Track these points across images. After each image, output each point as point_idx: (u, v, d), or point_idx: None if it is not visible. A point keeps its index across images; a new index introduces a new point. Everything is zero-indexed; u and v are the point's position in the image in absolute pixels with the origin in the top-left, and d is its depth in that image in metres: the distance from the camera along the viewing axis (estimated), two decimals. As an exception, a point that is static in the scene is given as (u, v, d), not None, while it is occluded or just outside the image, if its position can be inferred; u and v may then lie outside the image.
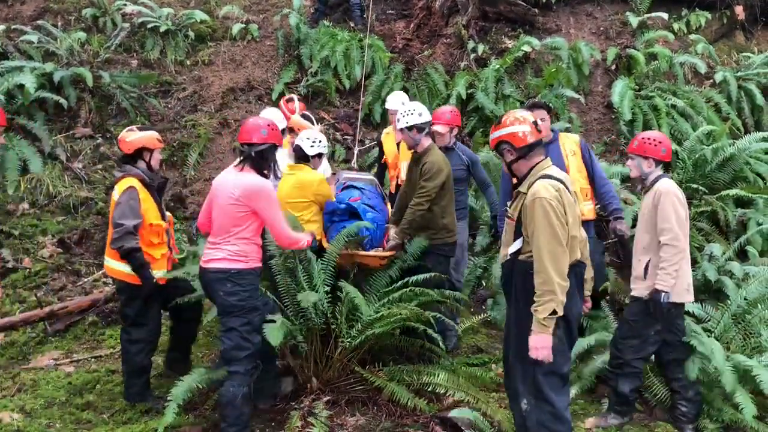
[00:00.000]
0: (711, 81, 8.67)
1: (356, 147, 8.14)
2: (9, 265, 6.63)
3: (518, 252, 3.55)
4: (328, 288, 4.58)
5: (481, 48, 8.95)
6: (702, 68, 8.48)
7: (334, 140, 8.50)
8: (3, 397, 5.03)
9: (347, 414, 4.52)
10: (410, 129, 5.02)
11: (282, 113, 6.19)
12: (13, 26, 8.69)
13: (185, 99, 8.72)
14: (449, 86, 8.62)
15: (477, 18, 9.29)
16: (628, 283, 6.58)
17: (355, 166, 7.60)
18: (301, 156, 5.15)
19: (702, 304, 5.34)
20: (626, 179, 7.27)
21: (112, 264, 4.74)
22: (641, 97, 8.17)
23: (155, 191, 4.80)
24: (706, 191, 7.07)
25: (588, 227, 4.97)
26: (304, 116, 6.35)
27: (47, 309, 6.03)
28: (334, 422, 4.38)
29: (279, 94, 8.71)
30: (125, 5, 9.33)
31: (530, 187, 3.48)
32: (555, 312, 3.32)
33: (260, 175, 4.14)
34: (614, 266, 6.35)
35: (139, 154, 4.76)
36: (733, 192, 6.92)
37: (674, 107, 8.03)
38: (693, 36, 9.10)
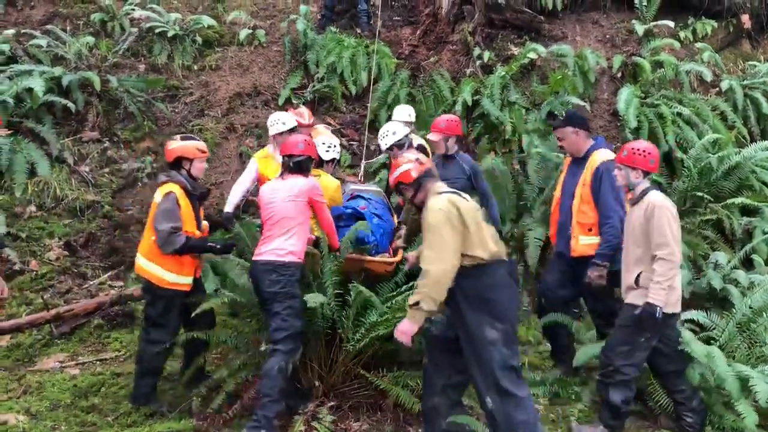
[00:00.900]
0: (717, 89, 8.66)
1: (363, 160, 8.13)
2: (16, 268, 6.66)
3: None
4: (336, 290, 4.60)
5: (487, 55, 8.97)
6: (708, 76, 8.47)
7: (341, 146, 8.52)
8: (9, 399, 5.05)
9: (351, 419, 4.53)
10: (391, 149, 5.53)
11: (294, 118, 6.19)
12: (23, 30, 8.75)
13: (192, 104, 8.77)
14: (455, 93, 8.63)
15: (483, 25, 9.31)
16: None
17: (362, 179, 7.57)
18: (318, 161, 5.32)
19: (707, 313, 5.34)
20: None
21: (143, 263, 4.81)
22: (647, 105, 8.16)
23: (195, 200, 4.88)
24: (712, 199, 7.06)
25: (584, 265, 4.81)
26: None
27: (53, 311, 6.05)
28: (338, 427, 4.39)
29: (285, 99, 8.76)
30: (133, 10, 9.39)
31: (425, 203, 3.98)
32: (418, 303, 3.72)
33: None
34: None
35: (179, 163, 4.87)
36: (739, 200, 6.91)
37: (680, 115, 8.01)
38: (699, 44, 9.10)
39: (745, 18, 9.47)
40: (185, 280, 4.82)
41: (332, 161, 5.58)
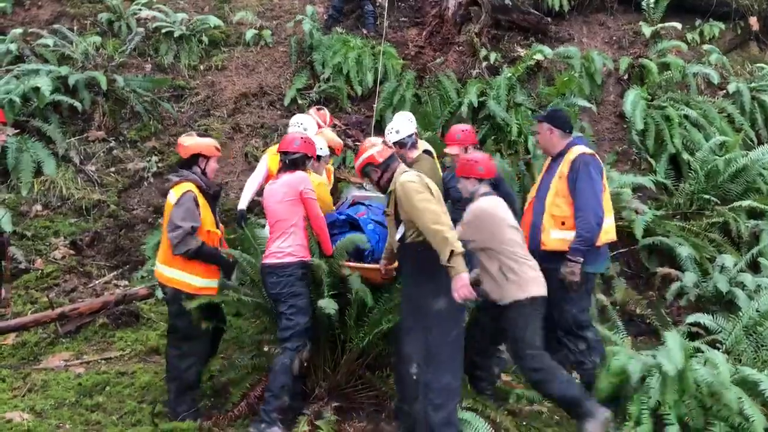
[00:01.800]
0: (724, 92, 8.63)
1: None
2: (21, 266, 6.68)
3: (403, 237, 4.11)
4: (335, 293, 4.56)
5: (494, 56, 8.95)
6: (715, 79, 8.45)
7: (346, 146, 8.52)
8: (14, 397, 5.06)
9: (355, 420, 4.52)
10: (393, 146, 5.41)
11: (314, 120, 6.18)
12: (30, 30, 8.78)
13: (198, 104, 8.78)
14: (461, 94, 8.61)
15: (489, 26, 9.30)
16: (640, 293, 6.64)
17: (366, 186, 7.39)
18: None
19: (713, 316, 5.31)
20: (637, 189, 7.26)
21: (165, 271, 4.62)
22: (653, 107, 8.14)
23: (211, 199, 4.73)
24: (718, 202, 7.05)
25: (554, 259, 4.57)
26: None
27: (58, 310, 6.06)
28: (342, 427, 4.39)
29: (291, 100, 8.76)
30: (140, 10, 9.41)
31: (394, 183, 4.10)
32: (453, 252, 3.75)
33: None
34: (625, 276, 6.33)
35: (195, 160, 4.74)
36: (746, 203, 6.90)
37: (687, 117, 7.99)
38: (706, 46, 9.07)
39: (753, 20, 9.44)
40: (213, 283, 4.67)
41: (318, 159, 5.36)
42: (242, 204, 5.98)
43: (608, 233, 4.69)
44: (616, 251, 6.22)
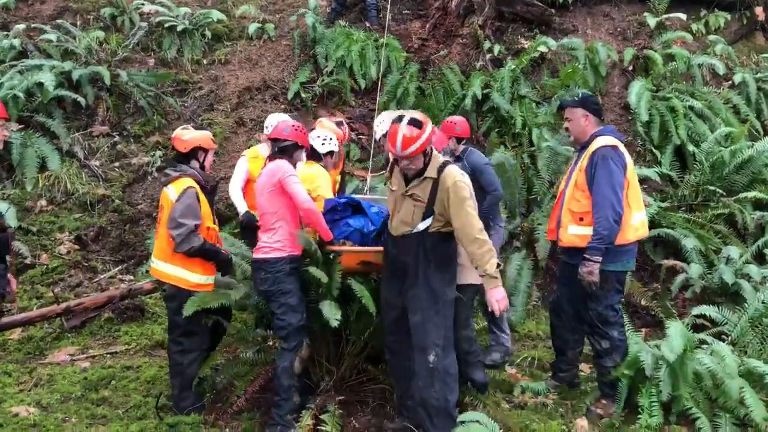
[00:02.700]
0: (730, 82, 8.57)
1: (370, 165, 8.03)
2: (27, 261, 6.71)
3: (427, 228, 3.99)
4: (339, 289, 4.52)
5: (497, 48, 8.92)
6: (720, 69, 8.39)
7: (350, 140, 8.51)
8: (20, 392, 5.08)
9: (359, 413, 4.52)
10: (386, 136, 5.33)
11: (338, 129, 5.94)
12: (33, 25, 8.81)
13: (201, 98, 8.78)
14: (465, 86, 8.59)
15: (493, 18, 9.26)
16: (645, 285, 6.63)
17: (367, 191, 7.18)
18: (313, 154, 5.24)
19: (719, 308, 5.29)
20: (642, 181, 7.22)
21: (162, 267, 4.57)
22: (658, 99, 8.09)
23: (208, 194, 4.68)
24: (724, 193, 7.01)
25: (572, 255, 4.49)
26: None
27: (64, 305, 6.08)
28: (346, 421, 4.39)
29: (294, 94, 8.76)
30: (143, 4, 9.42)
31: (440, 173, 3.90)
32: (499, 265, 3.85)
33: None
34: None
35: (194, 154, 4.68)
36: (752, 194, 6.86)
37: (692, 108, 7.94)
38: (712, 37, 9.01)
39: (759, 10, 9.36)
40: (211, 280, 4.62)
41: (330, 154, 5.35)
42: (242, 208, 5.88)
43: (638, 230, 4.45)
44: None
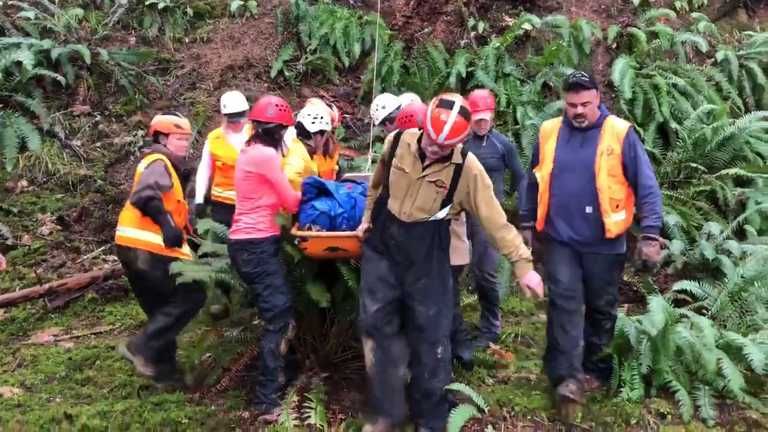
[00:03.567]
0: (712, 60, 8.61)
1: (370, 155, 7.97)
2: (8, 242, 6.66)
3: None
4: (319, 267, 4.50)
5: (482, 26, 8.89)
6: (703, 47, 8.42)
7: (340, 122, 8.47)
8: (4, 372, 5.08)
9: (344, 390, 4.55)
10: (383, 124, 5.34)
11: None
12: (10, 2, 8.63)
13: (184, 77, 8.69)
14: (449, 64, 8.57)
15: (478, -5, 9.22)
16: (627, 261, 6.66)
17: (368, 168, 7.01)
18: (302, 132, 5.10)
19: (699, 283, 5.36)
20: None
21: (133, 233, 4.60)
22: (642, 76, 8.12)
23: (180, 176, 4.80)
24: (706, 170, 7.08)
25: (613, 244, 4.23)
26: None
27: (47, 286, 6.06)
28: (331, 398, 4.41)
29: (278, 72, 8.69)
30: (123, -19, 9.26)
31: (465, 159, 3.72)
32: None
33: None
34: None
35: (156, 138, 4.85)
36: (733, 171, 6.92)
37: (675, 86, 7.98)
38: (695, 14, 9.04)
39: (742, -13, 9.39)
40: (186, 249, 4.75)
41: (320, 133, 5.14)
42: (198, 197, 5.91)
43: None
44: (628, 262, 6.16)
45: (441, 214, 3.76)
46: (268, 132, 4.32)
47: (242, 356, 4.64)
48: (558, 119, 4.40)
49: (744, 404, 4.15)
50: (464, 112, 3.54)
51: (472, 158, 3.75)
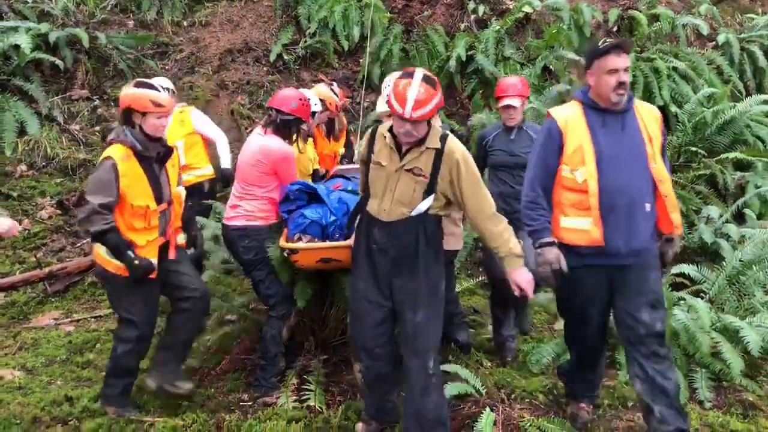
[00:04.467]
0: (714, 43, 8.58)
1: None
2: (8, 227, 6.65)
3: (428, 209, 3.40)
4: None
5: (482, 9, 8.84)
6: (705, 30, 8.38)
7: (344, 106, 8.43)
8: (5, 355, 5.10)
9: (343, 372, 4.58)
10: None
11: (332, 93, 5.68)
12: (7, -14, 8.58)
13: (182, 60, 8.66)
14: (449, 48, 8.53)
15: (478, -22, 9.15)
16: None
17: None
18: None
19: (698, 266, 5.36)
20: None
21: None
22: (642, 59, 8.08)
23: (153, 163, 3.85)
24: (706, 154, 7.05)
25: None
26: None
27: (47, 270, 6.08)
28: (330, 380, 4.44)
29: (276, 56, 8.65)
30: (121, -36, 9.21)
31: (445, 144, 3.34)
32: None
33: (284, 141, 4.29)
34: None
35: (128, 117, 3.80)
36: (733, 155, 6.91)
37: (675, 69, 7.94)
38: (696, -4, 8.99)
39: (744, -31, 9.32)
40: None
41: (312, 115, 4.85)
42: (225, 162, 5.92)
43: None
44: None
45: (423, 207, 3.34)
46: (286, 123, 4.27)
47: (243, 340, 4.66)
48: (569, 104, 3.56)
49: (740, 387, 4.18)
50: (428, 79, 3.23)
51: (454, 141, 3.37)
